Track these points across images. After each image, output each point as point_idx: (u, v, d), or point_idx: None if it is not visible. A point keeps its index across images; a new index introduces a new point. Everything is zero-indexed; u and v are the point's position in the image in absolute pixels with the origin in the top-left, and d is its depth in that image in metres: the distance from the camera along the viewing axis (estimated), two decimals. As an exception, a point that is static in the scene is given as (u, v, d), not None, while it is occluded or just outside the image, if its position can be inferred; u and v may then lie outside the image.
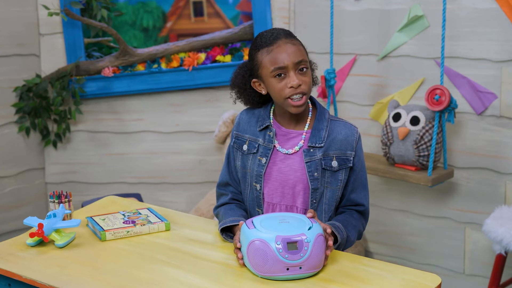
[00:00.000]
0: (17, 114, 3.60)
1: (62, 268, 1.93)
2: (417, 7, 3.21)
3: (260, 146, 2.15)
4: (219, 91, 3.69)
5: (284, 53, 2.05)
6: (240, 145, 2.19)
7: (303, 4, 3.61)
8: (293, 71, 2.05)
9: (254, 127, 2.18)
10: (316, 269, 1.86)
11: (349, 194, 2.17)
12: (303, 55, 2.08)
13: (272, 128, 2.15)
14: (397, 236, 3.49)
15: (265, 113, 2.18)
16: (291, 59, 2.05)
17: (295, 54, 2.06)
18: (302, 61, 2.06)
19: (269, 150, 2.13)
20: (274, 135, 2.14)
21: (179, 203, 3.81)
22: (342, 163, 2.11)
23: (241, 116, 2.24)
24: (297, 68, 2.06)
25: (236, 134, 2.22)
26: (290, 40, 2.08)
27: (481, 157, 3.15)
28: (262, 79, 2.11)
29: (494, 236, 2.74)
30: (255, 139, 2.16)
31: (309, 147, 2.11)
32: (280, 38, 2.07)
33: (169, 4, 3.74)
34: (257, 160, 2.14)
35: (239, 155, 2.19)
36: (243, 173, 2.19)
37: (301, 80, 2.06)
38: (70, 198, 2.31)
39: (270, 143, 2.13)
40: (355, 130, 2.15)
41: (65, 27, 3.60)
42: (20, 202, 3.67)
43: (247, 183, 2.18)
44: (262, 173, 2.13)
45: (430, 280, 1.84)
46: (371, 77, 3.45)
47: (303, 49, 2.10)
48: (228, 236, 2.10)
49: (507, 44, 3.00)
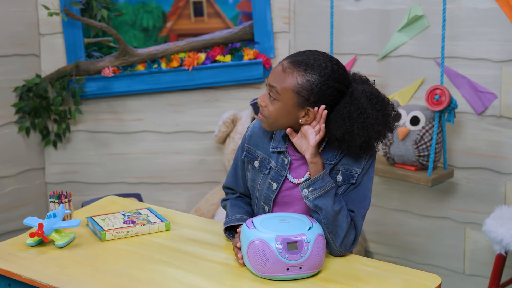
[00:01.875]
0: (17, 114, 3.59)
1: (62, 268, 1.93)
2: (417, 7, 3.21)
3: (272, 169, 2.08)
4: (219, 91, 3.69)
5: (273, 70, 2.02)
6: (252, 160, 2.13)
7: (303, 4, 3.61)
8: (267, 90, 2.02)
9: (267, 145, 2.10)
10: (316, 269, 1.86)
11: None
12: (281, 82, 1.96)
13: (287, 154, 2.06)
14: (397, 236, 3.49)
15: (280, 134, 2.09)
16: (270, 78, 2.01)
17: (275, 77, 1.98)
18: (273, 87, 1.98)
19: (281, 177, 2.06)
20: (288, 163, 2.06)
21: (179, 203, 3.80)
22: (346, 178, 2.04)
23: (253, 129, 2.15)
24: (269, 90, 2.01)
25: (247, 148, 2.15)
26: (286, 64, 1.98)
27: (481, 157, 3.15)
28: None
29: (494, 236, 2.74)
30: (268, 158, 2.10)
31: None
32: (286, 60, 2.01)
33: (169, 4, 3.74)
34: (268, 183, 2.09)
35: (250, 169, 2.14)
36: (252, 186, 2.15)
37: (265, 103, 2.00)
38: (70, 198, 2.31)
39: (283, 170, 2.06)
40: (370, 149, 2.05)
41: (65, 27, 3.60)
42: (20, 202, 3.66)
43: (255, 196, 2.15)
44: (271, 198, 2.08)
45: (430, 280, 1.84)
46: (371, 77, 3.43)
47: (290, 83, 1.95)
48: (231, 234, 2.10)
49: (507, 44, 3.00)
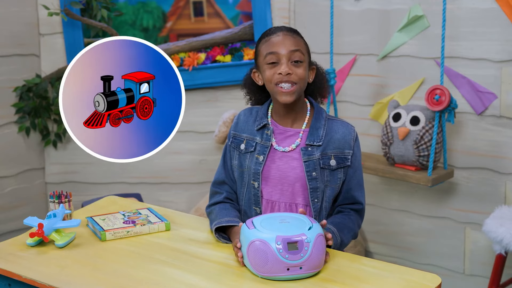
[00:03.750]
0: (17, 114, 3.59)
1: (62, 268, 1.93)
2: (417, 7, 3.21)
3: (257, 145, 2.15)
4: (219, 91, 3.69)
5: (280, 41, 2.06)
6: (238, 144, 2.19)
7: (303, 4, 3.61)
8: (286, 60, 2.05)
9: (252, 126, 2.18)
10: (316, 269, 1.86)
11: (347, 192, 2.17)
12: (301, 46, 2.08)
13: (269, 126, 2.15)
14: (397, 236, 3.49)
15: (263, 112, 2.19)
16: (286, 47, 2.05)
17: (291, 43, 2.06)
18: (297, 50, 2.06)
19: (267, 148, 2.13)
20: (271, 133, 2.14)
21: (179, 203, 3.80)
22: (341, 161, 2.12)
23: (239, 117, 2.25)
24: (290, 58, 2.05)
25: (233, 134, 2.22)
26: (291, 34, 2.09)
27: (481, 157, 3.15)
28: (259, 68, 2.13)
29: (494, 236, 2.74)
30: (253, 138, 2.17)
31: (307, 145, 2.11)
32: (282, 30, 2.09)
33: (169, 4, 3.74)
34: (255, 158, 2.14)
35: (236, 154, 2.19)
36: (240, 172, 2.19)
37: (292, 70, 2.05)
38: (70, 198, 2.31)
39: (268, 141, 2.14)
40: (352, 129, 2.16)
41: (65, 27, 3.60)
42: (20, 202, 3.66)
43: (244, 182, 2.18)
44: (259, 171, 2.13)
45: (430, 280, 1.84)
46: (371, 77, 3.44)
47: (303, 44, 2.10)
48: (221, 236, 2.10)
49: (507, 44, 3.00)
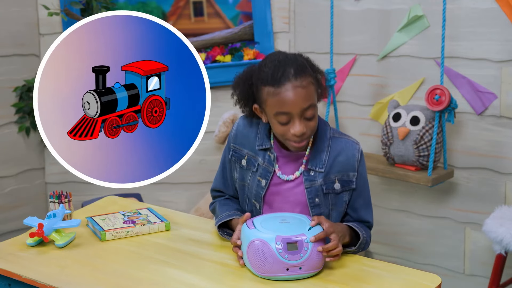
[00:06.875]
0: (17, 114, 3.59)
1: (62, 268, 1.93)
2: (417, 7, 3.21)
3: (259, 167, 2.05)
4: (219, 91, 3.69)
5: (291, 98, 1.87)
6: (239, 159, 2.10)
7: (303, 4, 3.61)
8: (298, 119, 1.89)
9: (253, 143, 2.07)
10: (316, 270, 1.86)
11: (353, 212, 2.07)
12: (312, 98, 1.90)
13: (272, 151, 2.04)
14: (397, 236, 3.49)
15: (264, 132, 2.06)
16: (299, 105, 1.87)
17: (303, 99, 1.87)
18: (310, 106, 1.89)
19: (269, 174, 2.04)
20: (275, 158, 2.03)
21: (179, 203, 3.80)
22: (345, 184, 2.02)
23: (238, 128, 2.12)
24: (303, 115, 1.90)
25: (233, 147, 2.12)
26: (300, 82, 1.88)
27: (481, 157, 3.14)
28: (265, 111, 1.97)
29: (494, 236, 2.74)
30: (255, 156, 2.07)
31: (309, 169, 2.02)
32: (289, 79, 1.87)
33: (169, 4, 3.74)
34: (257, 180, 2.06)
35: (237, 168, 2.11)
36: (241, 185, 2.12)
37: (306, 126, 1.91)
38: (70, 198, 2.31)
39: (271, 166, 2.03)
40: (357, 149, 2.03)
41: (65, 27, 3.60)
42: (20, 202, 3.66)
43: (245, 195, 2.12)
44: (261, 195, 2.05)
45: (430, 280, 1.84)
46: (371, 77, 3.44)
47: (313, 89, 1.91)
48: (225, 232, 2.08)
49: (507, 44, 3.00)
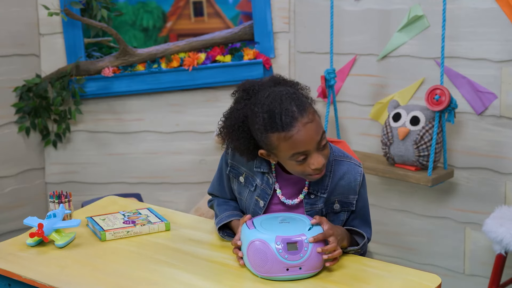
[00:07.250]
0: (17, 114, 3.59)
1: (62, 268, 1.93)
2: (417, 7, 3.21)
3: (258, 187, 2.03)
4: (219, 91, 3.69)
5: (305, 138, 1.84)
6: (237, 176, 2.08)
7: (303, 4, 3.61)
8: (316, 152, 1.87)
9: (251, 163, 2.02)
10: (316, 270, 1.86)
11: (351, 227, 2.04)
12: (321, 125, 1.88)
13: (271, 175, 2.01)
14: (397, 236, 3.49)
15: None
16: (314, 139, 1.85)
17: (316, 133, 1.85)
18: (322, 135, 1.87)
19: (268, 195, 2.01)
20: (273, 183, 2.01)
21: (179, 203, 3.80)
22: (345, 205, 2.01)
23: None
24: (319, 147, 1.88)
25: (231, 163, 2.08)
26: (307, 118, 1.84)
27: (481, 157, 3.15)
28: (275, 155, 1.92)
29: (494, 236, 2.74)
30: (253, 175, 2.04)
31: (310, 193, 2.00)
32: (296, 119, 1.83)
33: (169, 4, 3.74)
34: (255, 200, 2.04)
35: (236, 182, 2.09)
36: (239, 198, 2.11)
37: (324, 155, 1.89)
38: (70, 198, 2.31)
39: (269, 189, 2.01)
40: (359, 172, 2.00)
41: (65, 27, 3.60)
42: (20, 202, 3.66)
43: (242, 207, 2.11)
44: (259, 213, 2.04)
45: (430, 280, 1.84)
46: (371, 77, 3.44)
47: (317, 115, 1.88)
48: (225, 233, 2.08)
49: (507, 44, 3.00)
